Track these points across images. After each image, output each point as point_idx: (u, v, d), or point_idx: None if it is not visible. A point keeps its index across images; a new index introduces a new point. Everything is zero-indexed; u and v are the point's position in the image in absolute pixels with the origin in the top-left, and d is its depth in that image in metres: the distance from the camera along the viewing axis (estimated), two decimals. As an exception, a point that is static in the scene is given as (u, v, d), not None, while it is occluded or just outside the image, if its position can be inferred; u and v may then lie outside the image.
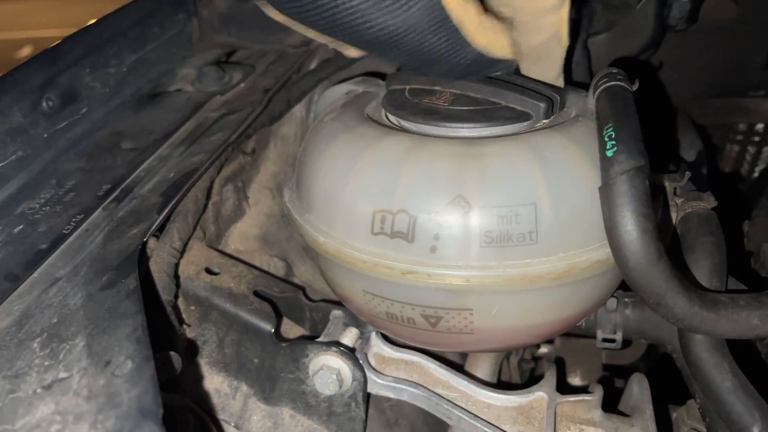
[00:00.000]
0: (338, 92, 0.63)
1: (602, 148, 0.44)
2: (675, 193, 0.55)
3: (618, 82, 0.49)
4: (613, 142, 0.43)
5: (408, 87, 0.57)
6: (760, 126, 1.09)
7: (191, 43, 0.82)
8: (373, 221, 0.47)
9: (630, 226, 0.41)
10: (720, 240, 0.50)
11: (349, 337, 0.61)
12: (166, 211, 0.50)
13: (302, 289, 0.64)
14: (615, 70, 0.52)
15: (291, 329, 0.65)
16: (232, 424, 0.57)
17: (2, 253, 0.47)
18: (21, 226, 0.50)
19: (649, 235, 0.41)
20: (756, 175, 1.16)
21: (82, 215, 0.51)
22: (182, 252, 0.55)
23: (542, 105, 0.51)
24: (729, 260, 0.50)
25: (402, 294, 0.48)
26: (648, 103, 0.91)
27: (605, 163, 0.43)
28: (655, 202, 0.54)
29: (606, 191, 0.42)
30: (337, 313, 0.62)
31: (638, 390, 0.59)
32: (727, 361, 0.46)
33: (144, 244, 0.47)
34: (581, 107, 0.54)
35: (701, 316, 0.44)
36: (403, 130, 0.53)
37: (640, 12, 0.73)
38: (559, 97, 0.54)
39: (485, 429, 0.53)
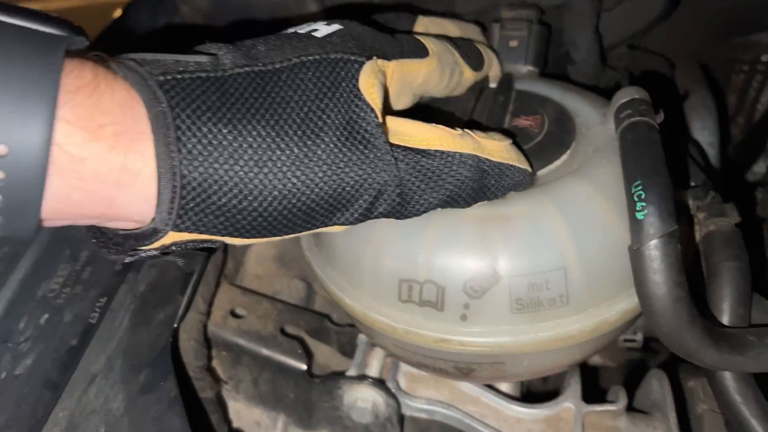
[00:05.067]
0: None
1: (632, 207, 0.42)
2: (698, 208, 0.54)
3: (643, 118, 0.47)
4: (644, 203, 0.42)
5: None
6: (765, 57, 1.06)
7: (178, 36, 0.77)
8: (400, 289, 0.47)
9: (662, 293, 0.41)
10: (744, 264, 0.50)
11: (378, 360, 0.62)
12: (188, 291, 0.49)
13: (326, 316, 0.64)
14: (638, 97, 0.49)
15: (319, 348, 0.67)
16: (276, 453, 0.60)
17: (35, 354, 0.47)
18: (47, 315, 0.50)
19: (682, 303, 0.41)
20: (760, 106, 1.13)
21: (105, 298, 0.50)
22: (209, 311, 0.55)
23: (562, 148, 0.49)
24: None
25: (434, 353, 0.49)
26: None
27: (635, 225, 0.42)
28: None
29: (637, 256, 0.42)
30: (363, 338, 0.63)
31: (658, 388, 0.62)
32: (751, 390, 0.48)
33: (175, 335, 0.47)
34: (600, 136, 0.51)
35: (730, 361, 0.45)
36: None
37: (652, -19, 0.68)
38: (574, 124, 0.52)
39: (518, 449, 0.56)
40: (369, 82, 0.40)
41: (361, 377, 0.59)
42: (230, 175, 0.34)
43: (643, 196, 0.42)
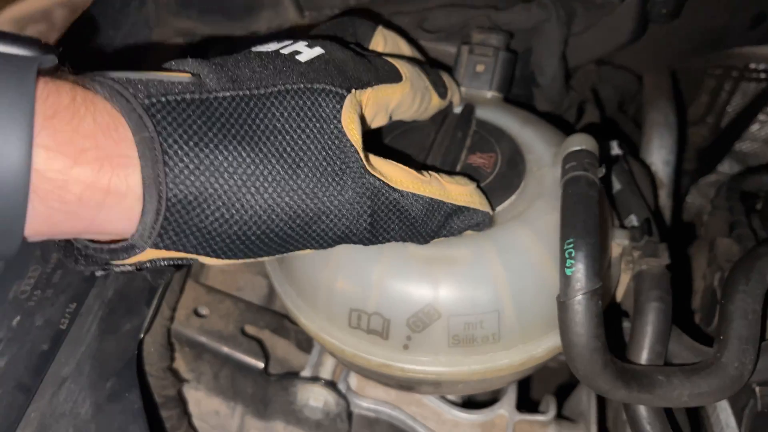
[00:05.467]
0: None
1: (562, 262, 0.47)
2: (633, 247, 0.59)
3: (585, 173, 0.50)
4: (573, 261, 0.46)
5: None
6: (737, 64, 1.08)
7: (149, 29, 0.77)
8: (350, 317, 0.51)
9: (582, 343, 0.46)
10: (667, 305, 0.55)
11: (332, 360, 0.67)
12: (154, 304, 0.53)
13: (286, 316, 0.69)
14: (585, 149, 0.52)
15: (278, 342, 0.71)
16: (233, 440, 0.66)
17: (8, 356, 0.50)
18: (18, 317, 0.53)
19: (598, 353, 0.46)
20: (729, 109, 1.17)
21: (75, 303, 0.53)
22: (173, 315, 0.59)
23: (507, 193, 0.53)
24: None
25: (379, 374, 0.53)
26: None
27: (564, 279, 0.46)
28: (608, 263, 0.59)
29: (563, 308, 0.46)
30: (319, 340, 0.67)
31: (586, 400, 0.68)
32: (659, 421, 0.54)
33: (139, 348, 0.51)
34: (548, 178, 0.55)
35: (639, 398, 0.50)
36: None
37: (622, 9, 0.69)
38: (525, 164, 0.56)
39: (451, 451, 0.62)
40: (350, 118, 0.42)
41: (314, 378, 0.64)
42: (213, 198, 0.35)
43: (572, 254, 0.46)
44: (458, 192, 0.48)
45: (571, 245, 0.47)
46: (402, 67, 0.50)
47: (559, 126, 0.64)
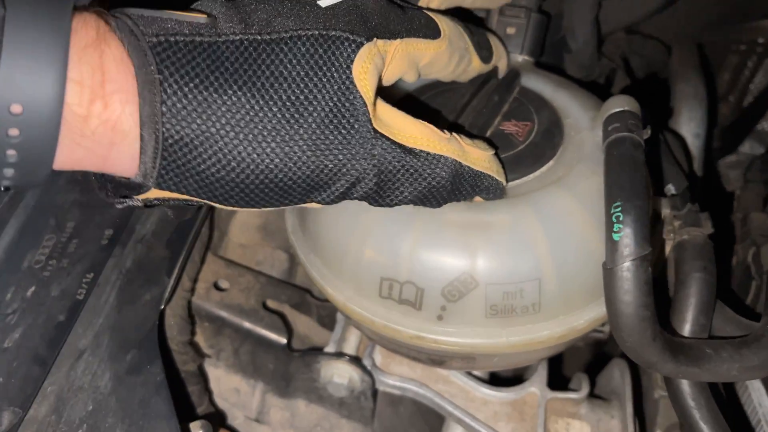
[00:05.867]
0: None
1: (609, 227, 0.44)
2: (674, 216, 0.56)
3: (630, 134, 0.47)
4: (620, 225, 0.43)
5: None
6: (761, 38, 1.05)
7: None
8: (381, 286, 0.48)
9: (630, 312, 0.43)
10: (711, 276, 0.52)
11: (355, 336, 0.65)
12: (175, 274, 0.50)
13: (308, 291, 0.66)
14: (628, 109, 0.49)
15: (299, 319, 0.69)
16: (253, 418, 0.64)
17: (23, 327, 0.48)
18: (33, 288, 0.51)
19: (647, 323, 0.44)
20: (752, 87, 1.14)
21: (92, 273, 0.51)
22: (194, 287, 0.56)
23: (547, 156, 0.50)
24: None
25: (410, 347, 0.51)
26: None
27: (611, 245, 0.44)
28: (653, 230, 0.56)
29: (610, 275, 0.44)
30: (341, 316, 0.65)
31: (619, 377, 0.65)
32: (704, 396, 0.51)
33: (161, 318, 0.48)
34: (587, 142, 0.52)
35: (687, 372, 0.48)
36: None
37: (657, -29, 0.66)
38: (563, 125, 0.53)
39: (479, 429, 0.60)
40: (363, 68, 0.39)
41: (339, 354, 0.61)
42: (211, 143, 0.34)
43: (620, 218, 0.43)
44: (477, 156, 0.45)
45: (619, 208, 0.44)
46: (442, 22, 0.47)
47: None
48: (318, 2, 0.40)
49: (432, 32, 0.46)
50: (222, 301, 0.61)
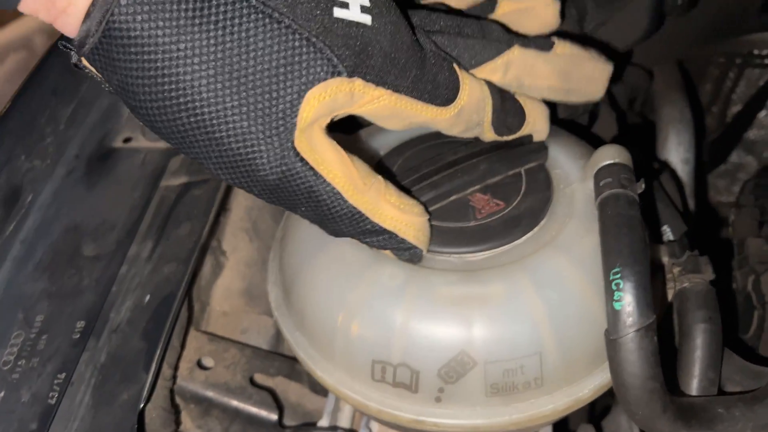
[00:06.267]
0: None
1: (609, 295, 0.41)
2: (673, 264, 0.54)
3: (623, 191, 0.45)
4: (621, 294, 0.41)
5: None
6: (738, 55, 1.05)
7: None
8: (373, 369, 0.46)
9: (638, 384, 0.41)
10: (717, 326, 0.50)
11: (350, 407, 0.62)
12: (153, 369, 0.47)
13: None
14: (620, 162, 0.47)
15: (290, 386, 0.66)
16: (249, 497, 0.60)
17: (-9, 440, 0.45)
18: (2, 393, 0.47)
19: (656, 395, 0.41)
20: (735, 97, 1.13)
21: (64, 373, 0.48)
22: (175, 375, 0.53)
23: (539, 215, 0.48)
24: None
25: (409, 429, 0.48)
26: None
27: (612, 314, 0.41)
28: (653, 278, 0.53)
29: (614, 347, 0.41)
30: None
31: (627, 426, 0.63)
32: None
33: (140, 419, 0.45)
34: (578, 196, 0.50)
35: (700, 438, 0.45)
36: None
37: (636, 4, 0.64)
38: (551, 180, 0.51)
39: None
40: (320, 95, 0.38)
41: (333, 428, 0.58)
42: (148, 48, 0.34)
43: (620, 285, 0.41)
44: (391, 216, 0.43)
45: (618, 275, 0.42)
46: (465, 89, 0.44)
47: (573, 131, 0.59)
48: (333, 7, 0.38)
49: (444, 96, 0.43)
50: (207, 380, 0.57)
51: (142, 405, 0.46)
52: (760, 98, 1.10)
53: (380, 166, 0.53)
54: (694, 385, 0.49)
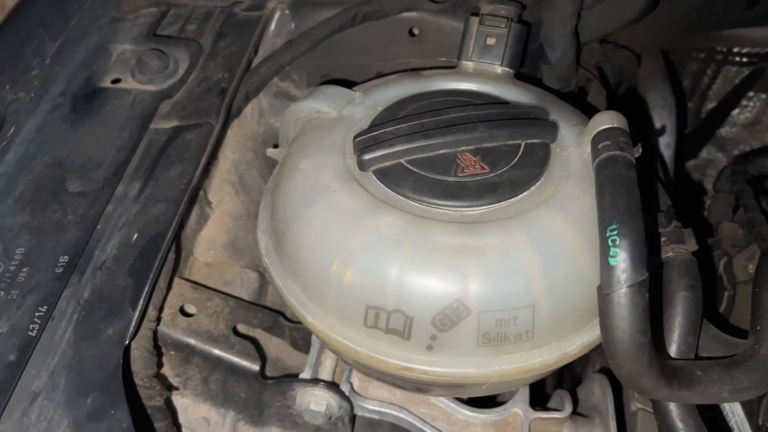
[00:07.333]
0: (305, 110, 0.56)
1: (605, 251, 0.42)
2: (659, 233, 0.55)
3: (621, 153, 0.46)
4: (617, 249, 0.42)
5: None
6: (720, 47, 1.07)
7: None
8: (366, 315, 0.45)
9: (627, 339, 0.42)
10: (698, 294, 0.52)
11: (332, 359, 0.62)
12: (140, 305, 0.46)
13: (280, 312, 0.63)
14: (617, 126, 0.48)
15: (271, 341, 0.65)
16: (224, 449, 0.60)
17: (-33, 369, 0.43)
18: (-22, 324, 0.45)
19: (644, 350, 0.42)
20: (711, 93, 1.16)
21: (45, 306, 0.46)
22: (159, 316, 0.52)
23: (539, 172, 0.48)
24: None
25: (396, 377, 0.48)
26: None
27: (607, 270, 0.42)
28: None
29: (606, 301, 0.42)
30: (317, 338, 0.62)
31: (600, 393, 0.64)
32: (692, 418, 0.50)
33: (125, 356, 0.44)
34: (574, 159, 0.50)
35: (678, 395, 0.47)
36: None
37: (633, -18, 0.65)
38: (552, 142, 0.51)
39: (464, 453, 0.58)
40: None
41: (315, 380, 0.58)
42: None
43: (617, 242, 0.42)
44: None
45: (615, 232, 0.42)
46: None
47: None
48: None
49: None
50: (189, 327, 0.56)
51: (128, 341, 0.45)
52: (735, 96, 1.13)
53: (385, 112, 0.53)
54: (673, 349, 0.51)
